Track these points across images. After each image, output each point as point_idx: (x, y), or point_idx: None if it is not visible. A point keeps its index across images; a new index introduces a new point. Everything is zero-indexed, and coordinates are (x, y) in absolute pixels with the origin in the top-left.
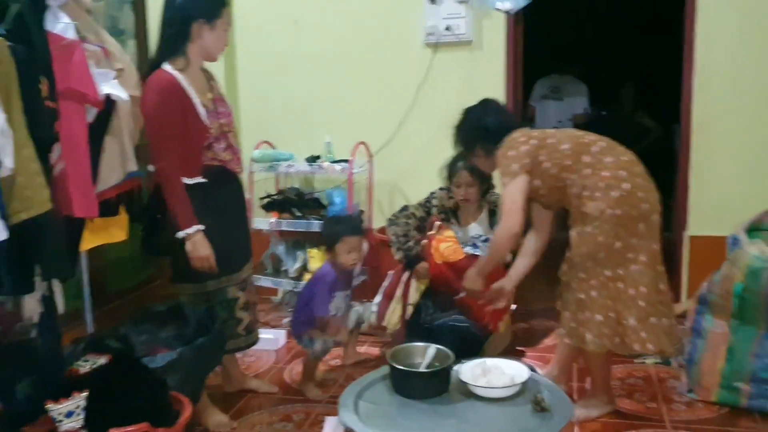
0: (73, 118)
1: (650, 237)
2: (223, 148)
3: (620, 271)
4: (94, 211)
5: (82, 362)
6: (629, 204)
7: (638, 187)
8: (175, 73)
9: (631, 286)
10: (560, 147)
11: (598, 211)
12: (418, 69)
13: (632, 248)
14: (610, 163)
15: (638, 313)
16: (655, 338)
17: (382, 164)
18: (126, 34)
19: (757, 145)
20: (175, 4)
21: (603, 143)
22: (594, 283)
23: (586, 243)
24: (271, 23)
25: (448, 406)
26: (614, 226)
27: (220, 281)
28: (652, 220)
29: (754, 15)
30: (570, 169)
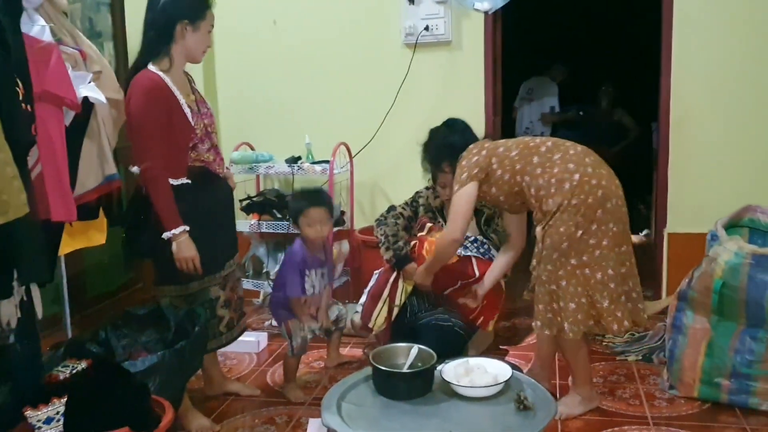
0: (50, 122)
1: (609, 221)
2: (206, 149)
3: (585, 258)
4: (73, 214)
5: (62, 368)
6: (583, 192)
7: (589, 175)
8: (160, 73)
9: (599, 271)
10: (510, 154)
11: (556, 205)
12: (397, 69)
13: (593, 234)
14: (559, 160)
15: (610, 294)
16: (629, 315)
17: (362, 165)
18: (103, 36)
19: (735, 142)
20: (157, 5)
21: (549, 143)
22: (562, 273)
23: (550, 236)
24: (250, 23)
25: (431, 407)
26: (573, 215)
27: (203, 282)
28: (610, 205)
29: (730, 14)
30: (522, 171)
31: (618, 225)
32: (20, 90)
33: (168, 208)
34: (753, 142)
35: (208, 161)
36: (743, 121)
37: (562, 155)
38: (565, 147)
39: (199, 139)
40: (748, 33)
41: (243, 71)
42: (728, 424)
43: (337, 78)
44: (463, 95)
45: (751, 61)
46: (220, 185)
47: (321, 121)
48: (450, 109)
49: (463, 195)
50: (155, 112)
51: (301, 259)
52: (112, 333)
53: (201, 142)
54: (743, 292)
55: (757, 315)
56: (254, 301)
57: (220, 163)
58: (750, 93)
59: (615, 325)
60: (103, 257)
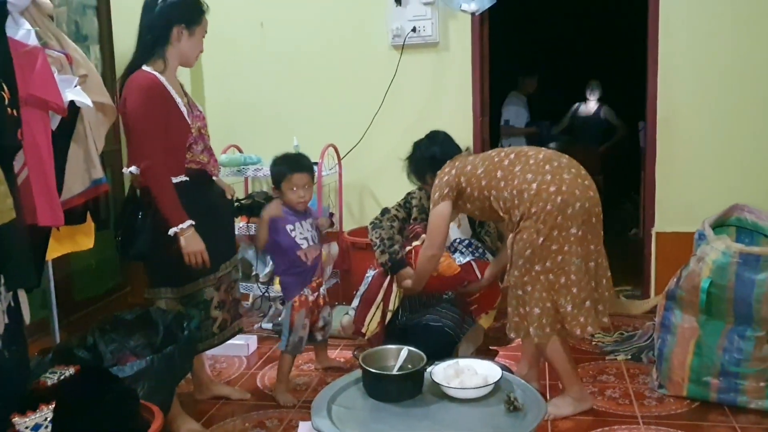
0: (36, 126)
1: (571, 225)
2: (200, 150)
3: (548, 263)
4: (60, 219)
5: (50, 374)
6: (541, 200)
7: (547, 182)
8: (156, 73)
9: (562, 276)
10: (477, 171)
11: (519, 215)
12: (385, 71)
13: (554, 240)
14: (519, 171)
15: (573, 299)
16: (594, 321)
17: (351, 166)
18: (89, 39)
19: (722, 141)
20: (155, 8)
21: (512, 155)
22: (527, 279)
23: (516, 243)
24: (237, 26)
25: (421, 408)
26: (534, 223)
27: (197, 283)
28: (571, 210)
29: (716, 14)
30: (488, 187)
31: (582, 228)
32: (6, 94)
33: (172, 203)
34: (740, 142)
35: (204, 163)
36: (730, 120)
37: (522, 166)
38: (526, 157)
39: (194, 140)
40: (733, 33)
41: (231, 74)
42: (717, 422)
43: (324, 80)
44: (450, 96)
45: (737, 61)
46: (216, 187)
47: (309, 123)
48: (438, 111)
49: (437, 214)
50: (153, 111)
51: (270, 218)
52: (100, 338)
53: (195, 143)
54: (731, 290)
55: (745, 313)
56: (243, 304)
57: (215, 165)
58: (736, 92)
59: (578, 329)
60: (91, 261)
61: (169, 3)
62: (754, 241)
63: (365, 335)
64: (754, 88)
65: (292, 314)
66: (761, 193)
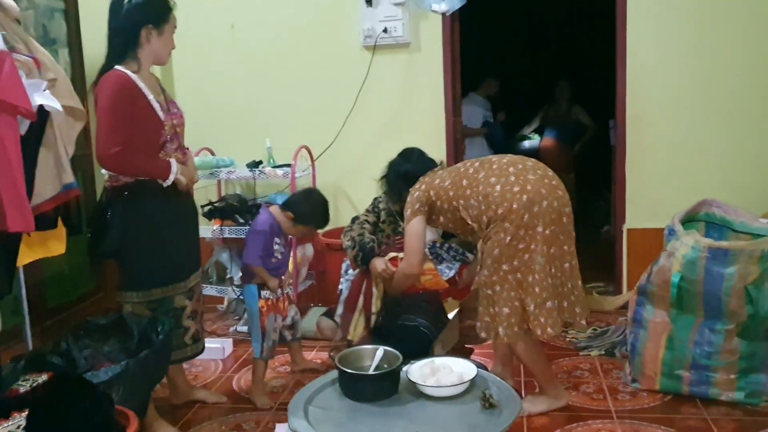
0: (4, 131)
1: (538, 224)
2: (174, 148)
3: (515, 262)
4: (30, 225)
5: (22, 381)
6: (506, 200)
7: (511, 183)
8: (129, 72)
9: (529, 274)
10: (444, 184)
11: (487, 218)
12: (356, 71)
13: (521, 239)
14: (482, 177)
15: (535, 298)
16: (553, 321)
17: (324, 167)
18: (58, 43)
19: (690, 138)
20: (121, 11)
21: (477, 164)
22: (496, 279)
23: (486, 241)
24: (208, 28)
25: (398, 407)
26: (500, 224)
27: (166, 289)
28: (538, 208)
29: (682, 13)
30: (456, 197)
31: (550, 227)
32: None
33: (154, 166)
34: (707, 139)
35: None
36: (698, 118)
37: (485, 173)
38: (489, 163)
39: (168, 138)
40: (700, 31)
41: (201, 76)
42: (690, 414)
43: (296, 81)
44: (422, 96)
45: (704, 59)
46: (185, 195)
47: (281, 125)
48: (410, 111)
49: (412, 230)
50: (121, 105)
51: (268, 227)
52: (73, 343)
53: (170, 141)
54: (701, 285)
55: (715, 307)
56: (218, 307)
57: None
58: (704, 90)
59: (539, 330)
60: (63, 267)
61: (134, 4)
62: (722, 235)
63: (352, 341)
64: (720, 85)
65: (261, 320)
66: (729, 188)
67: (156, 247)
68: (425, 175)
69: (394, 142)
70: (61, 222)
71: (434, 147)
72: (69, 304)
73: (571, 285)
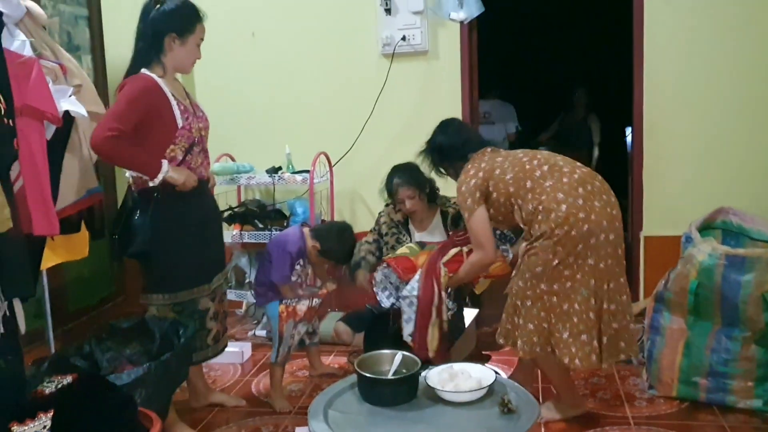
0: (31, 136)
1: (590, 256)
2: (198, 151)
3: (555, 286)
4: (55, 229)
5: (48, 383)
6: (567, 224)
7: (577, 208)
8: (154, 76)
9: (565, 301)
10: (505, 177)
11: (540, 232)
12: (375, 79)
13: (569, 266)
14: (549, 188)
15: (571, 328)
16: (585, 356)
17: (342, 173)
18: (81, 49)
19: (707, 146)
20: (147, 18)
21: (546, 167)
22: (530, 293)
23: (528, 256)
24: (229, 35)
25: (416, 412)
26: (553, 244)
27: (191, 291)
28: (595, 240)
29: (699, 21)
30: (515, 195)
31: (605, 260)
32: (1, 105)
33: (143, 159)
34: (724, 146)
35: (195, 165)
36: (715, 125)
37: (553, 183)
38: (559, 174)
39: (196, 141)
40: (717, 39)
41: (222, 83)
42: (707, 422)
43: (315, 88)
44: (440, 104)
45: (721, 67)
46: (207, 198)
47: (300, 132)
48: (427, 118)
49: (477, 220)
50: (140, 102)
51: (296, 250)
52: (96, 346)
53: (196, 144)
54: (718, 292)
55: (732, 314)
56: (237, 312)
57: (207, 167)
58: (721, 98)
59: (567, 358)
60: (84, 270)
61: (161, 12)
62: (739, 243)
63: (432, 357)
64: (738, 93)
65: (280, 325)
66: (746, 196)
67: (183, 249)
68: (476, 157)
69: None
70: (84, 226)
71: None
72: (90, 308)
73: (622, 320)
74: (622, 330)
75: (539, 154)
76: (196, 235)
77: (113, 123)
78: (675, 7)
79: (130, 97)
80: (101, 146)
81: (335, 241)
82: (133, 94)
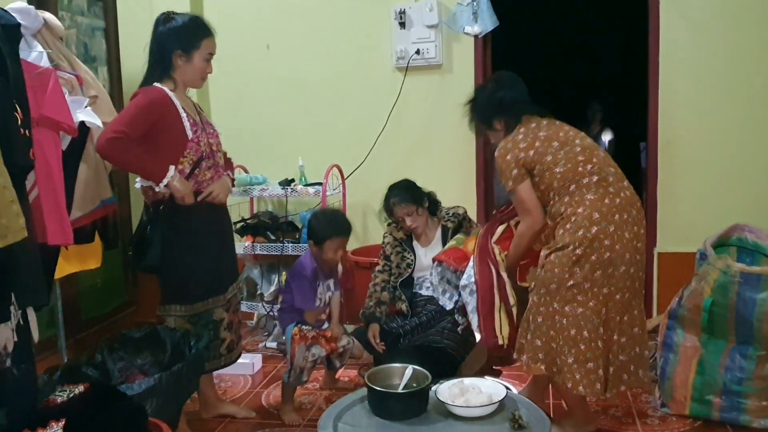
0: (47, 146)
1: (606, 286)
2: (209, 166)
3: (567, 308)
4: (69, 238)
5: (60, 392)
6: (591, 248)
7: (607, 234)
8: (166, 89)
9: (573, 327)
10: (555, 170)
11: (562, 242)
12: (389, 92)
13: (583, 291)
14: (589, 202)
15: (577, 354)
16: (589, 383)
17: (355, 186)
18: (98, 61)
19: (722, 162)
20: (155, 34)
21: (595, 178)
22: (542, 310)
23: (545, 269)
24: (244, 48)
25: (426, 427)
26: (572, 263)
27: (207, 302)
28: (614, 270)
29: (715, 37)
30: (556, 191)
31: (623, 293)
32: (18, 115)
33: (147, 162)
34: (739, 162)
35: (204, 179)
36: (730, 141)
37: (595, 200)
38: (604, 192)
39: (205, 155)
40: (732, 55)
41: (237, 95)
42: None
43: (329, 101)
44: (453, 117)
45: (736, 83)
46: (219, 209)
47: (314, 144)
48: (441, 131)
49: (523, 194)
50: (149, 111)
51: (311, 272)
52: (108, 356)
53: (206, 158)
54: (732, 309)
55: (746, 332)
56: (248, 323)
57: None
58: (736, 114)
59: (570, 383)
60: (97, 280)
61: (167, 29)
62: (754, 260)
63: (503, 344)
64: (753, 109)
65: (292, 347)
66: (761, 213)
67: (197, 261)
68: (533, 122)
69: (424, 162)
70: (97, 236)
71: (465, 167)
72: (102, 317)
73: (630, 352)
74: (629, 362)
75: (595, 158)
76: (210, 245)
77: (119, 126)
78: (691, 21)
79: (140, 104)
80: (104, 147)
81: (316, 223)
82: (142, 102)
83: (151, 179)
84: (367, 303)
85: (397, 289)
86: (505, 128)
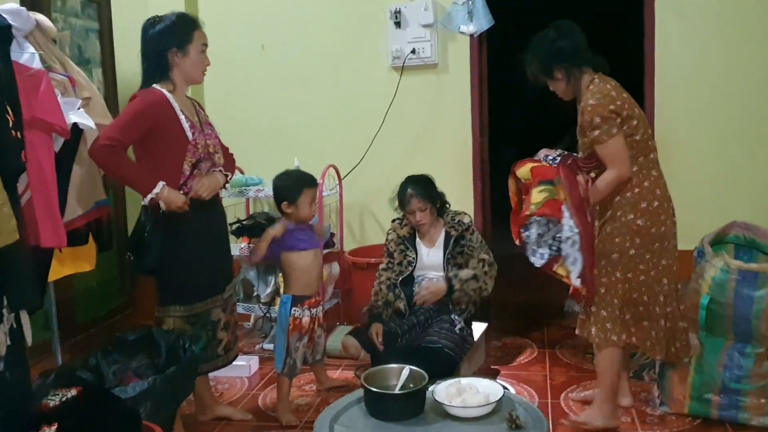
0: (39, 148)
1: (663, 257)
2: (208, 167)
3: (629, 275)
4: (62, 240)
5: (52, 396)
6: (652, 220)
7: (663, 210)
8: (165, 91)
9: (636, 291)
10: (635, 136)
11: (621, 209)
12: (385, 92)
13: (644, 261)
14: (654, 178)
15: (649, 315)
16: (643, 341)
17: (351, 186)
18: (92, 62)
19: (718, 160)
20: (146, 37)
21: (652, 156)
22: (605, 281)
23: (604, 240)
24: (239, 48)
25: (423, 427)
26: (633, 234)
27: (206, 303)
28: (668, 244)
29: (710, 36)
30: (632, 158)
31: (676, 264)
32: (10, 117)
33: (137, 174)
34: (736, 160)
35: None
36: (726, 139)
37: (657, 177)
38: (659, 170)
39: (203, 157)
40: (728, 53)
41: (232, 96)
42: None
43: (325, 101)
44: (450, 117)
45: (732, 81)
46: (216, 209)
47: (310, 144)
48: (437, 131)
49: (615, 147)
50: (146, 116)
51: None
52: (102, 359)
53: (204, 160)
54: (730, 307)
55: (745, 330)
56: (245, 325)
57: None
58: (732, 112)
59: (648, 342)
60: (92, 283)
61: (156, 31)
62: (752, 258)
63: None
64: (749, 107)
65: (288, 337)
66: (758, 210)
67: (196, 261)
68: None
69: (421, 161)
70: (91, 238)
71: (461, 167)
72: (98, 320)
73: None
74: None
75: (651, 140)
76: (208, 246)
77: (113, 133)
78: (687, 20)
79: (137, 110)
80: (97, 154)
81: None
82: (140, 107)
83: (138, 191)
84: (374, 301)
85: (397, 287)
86: (566, 77)
